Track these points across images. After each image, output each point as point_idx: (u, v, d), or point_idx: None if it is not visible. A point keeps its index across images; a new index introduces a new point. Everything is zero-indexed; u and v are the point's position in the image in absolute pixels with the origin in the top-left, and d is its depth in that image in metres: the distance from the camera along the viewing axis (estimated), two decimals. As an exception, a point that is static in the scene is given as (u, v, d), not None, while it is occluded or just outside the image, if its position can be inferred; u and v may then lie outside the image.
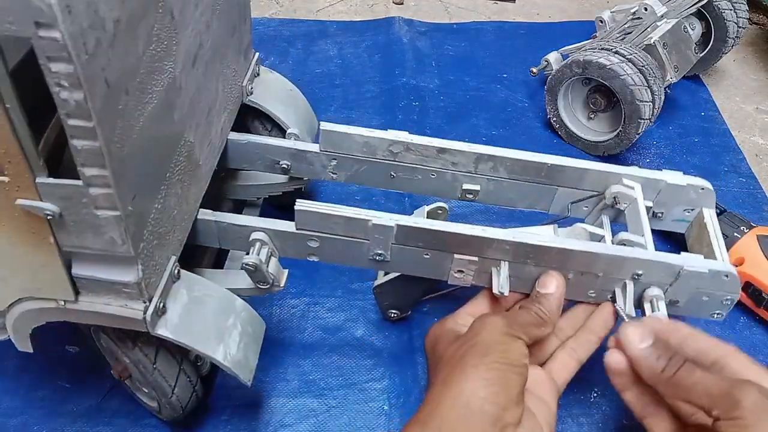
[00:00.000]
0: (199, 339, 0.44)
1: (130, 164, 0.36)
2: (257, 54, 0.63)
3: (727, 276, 0.49)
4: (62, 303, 0.41)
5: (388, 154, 0.56)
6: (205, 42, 0.47)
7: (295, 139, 0.59)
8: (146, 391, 0.52)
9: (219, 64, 0.51)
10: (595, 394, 0.57)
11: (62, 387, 0.56)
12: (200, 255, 0.60)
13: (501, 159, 0.55)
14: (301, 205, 0.48)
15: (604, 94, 0.79)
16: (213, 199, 0.65)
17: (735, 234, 0.64)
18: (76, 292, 0.41)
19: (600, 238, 0.52)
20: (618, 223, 0.57)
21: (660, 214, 0.57)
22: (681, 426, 0.44)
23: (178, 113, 0.43)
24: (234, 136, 0.57)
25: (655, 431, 0.45)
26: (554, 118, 0.84)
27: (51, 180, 0.34)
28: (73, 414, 0.54)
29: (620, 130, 0.77)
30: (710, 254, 0.52)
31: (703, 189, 0.55)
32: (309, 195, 0.73)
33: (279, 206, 0.71)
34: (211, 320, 0.46)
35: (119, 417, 0.54)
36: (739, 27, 0.89)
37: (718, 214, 0.66)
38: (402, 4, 1.09)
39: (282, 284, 0.52)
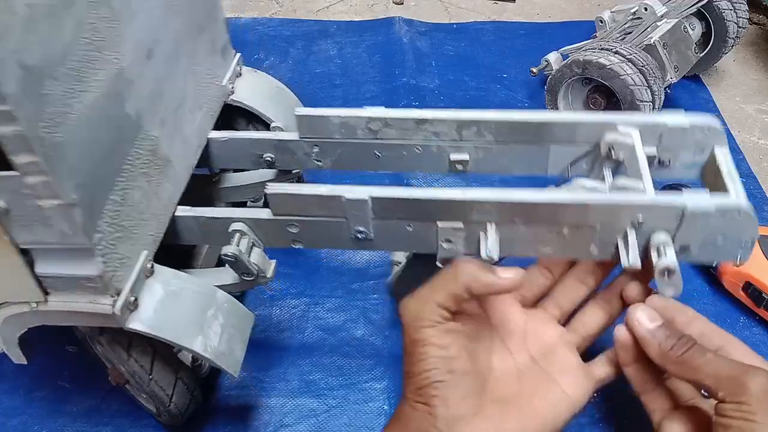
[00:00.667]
0: (176, 332, 0.44)
1: (69, 151, 0.36)
2: (238, 54, 0.63)
3: (738, 212, 0.44)
4: (34, 305, 0.41)
5: (368, 133, 0.54)
6: (162, 37, 0.47)
7: (278, 131, 0.59)
8: (145, 396, 0.52)
9: (186, 62, 0.51)
10: (595, 394, 0.54)
11: (62, 387, 0.57)
12: (194, 256, 0.59)
13: (484, 122, 0.53)
14: (272, 188, 0.47)
15: (604, 94, 0.78)
16: (208, 204, 0.65)
17: None
18: (45, 293, 0.41)
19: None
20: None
21: (667, 162, 0.53)
22: (675, 405, 0.43)
23: (132, 105, 0.43)
24: (214, 134, 0.57)
25: (651, 407, 0.44)
26: (554, 118, 0.82)
27: (-12, 174, 0.34)
28: (73, 414, 0.55)
29: (620, 131, 0.75)
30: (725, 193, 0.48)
31: (710, 128, 0.50)
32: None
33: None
34: (189, 312, 0.45)
35: (119, 417, 0.54)
36: (739, 27, 0.87)
37: None
38: (402, 4, 1.08)
39: (269, 275, 0.51)
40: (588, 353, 0.48)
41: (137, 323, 0.42)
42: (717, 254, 0.46)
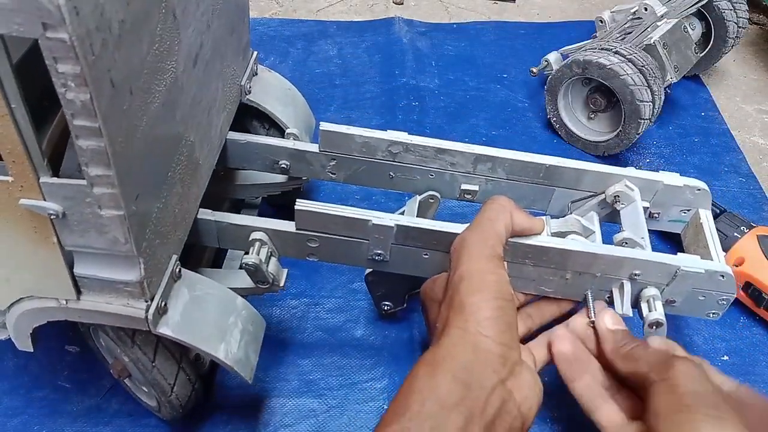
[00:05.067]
0: (201, 337, 0.45)
1: (134, 164, 0.36)
2: (255, 53, 0.63)
3: (723, 276, 0.49)
4: (64, 302, 0.41)
5: (388, 155, 0.56)
6: (205, 41, 0.47)
7: (294, 139, 0.60)
8: (146, 390, 0.52)
9: (219, 64, 0.51)
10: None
11: (62, 387, 0.56)
12: (199, 255, 0.60)
13: (499, 160, 0.56)
14: (301, 204, 0.48)
15: (604, 94, 0.79)
16: (212, 199, 0.64)
17: (735, 234, 0.65)
18: (78, 291, 0.41)
19: (590, 233, 0.52)
20: (607, 222, 0.57)
21: (656, 215, 0.58)
22: (629, 419, 0.44)
23: (179, 113, 0.43)
24: (233, 135, 0.57)
25: (604, 422, 0.45)
26: (554, 118, 0.83)
27: (55, 180, 0.34)
28: (73, 414, 0.54)
29: (620, 130, 0.77)
30: (706, 255, 0.53)
31: (699, 190, 0.55)
32: (307, 194, 0.73)
33: (277, 206, 0.71)
34: (212, 319, 0.46)
35: (119, 417, 0.54)
36: (739, 27, 0.88)
37: (718, 215, 0.66)
38: (402, 4, 1.09)
39: (282, 284, 0.52)
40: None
41: (165, 328, 0.43)
42: (697, 310, 0.52)
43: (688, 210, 0.57)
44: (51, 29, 0.27)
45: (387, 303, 0.61)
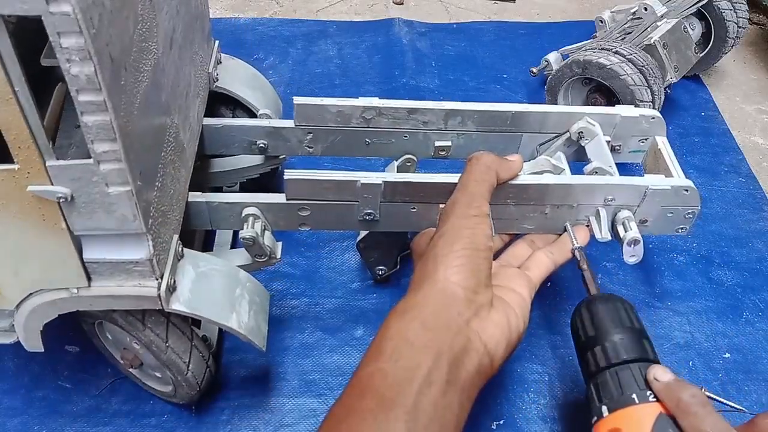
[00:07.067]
0: (213, 310, 0.46)
1: (134, 141, 0.37)
2: (217, 41, 0.64)
3: (687, 191, 0.53)
4: (75, 291, 0.42)
5: (362, 121, 0.58)
6: (177, 26, 0.48)
7: (267, 119, 0.61)
8: (159, 375, 0.53)
9: (189, 50, 0.52)
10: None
11: (62, 387, 0.56)
12: (189, 241, 0.60)
13: (468, 112, 0.58)
14: (290, 174, 0.50)
15: (604, 94, 0.79)
16: (191, 190, 0.65)
17: (632, 396, 0.43)
18: (89, 278, 0.42)
19: (561, 170, 0.55)
20: (573, 161, 0.60)
21: (618, 147, 0.61)
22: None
23: (164, 94, 0.44)
24: (209, 121, 0.58)
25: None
26: (554, 118, 0.84)
27: (62, 162, 0.35)
28: (73, 414, 0.54)
29: (620, 130, 0.77)
30: (668, 175, 0.57)
31: (654, 118, 0.60)
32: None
33: (253, 192, 0.72)
34: (220, 292, 0.47)
35: (119, 417, 0.54)
36: (739, 27, 0.88)
37: (629, 361, 0.45)
38: (402, 4, 1.09)
39: (278, 256, 0.54)
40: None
41: (178, 304, 0.44)
42: (667, 227, 0.56)
43: (646, 139, 0.61)
44: (54, 3, 0.28)
45: (381, 267, 0.63)
